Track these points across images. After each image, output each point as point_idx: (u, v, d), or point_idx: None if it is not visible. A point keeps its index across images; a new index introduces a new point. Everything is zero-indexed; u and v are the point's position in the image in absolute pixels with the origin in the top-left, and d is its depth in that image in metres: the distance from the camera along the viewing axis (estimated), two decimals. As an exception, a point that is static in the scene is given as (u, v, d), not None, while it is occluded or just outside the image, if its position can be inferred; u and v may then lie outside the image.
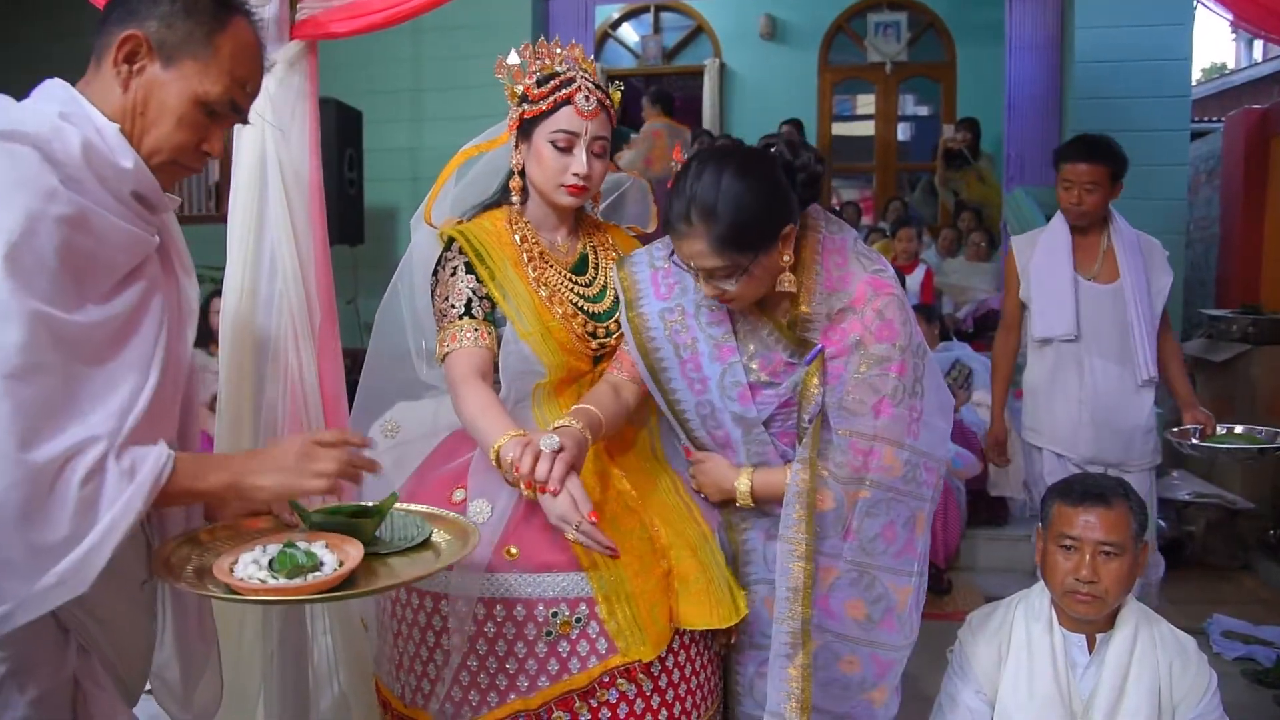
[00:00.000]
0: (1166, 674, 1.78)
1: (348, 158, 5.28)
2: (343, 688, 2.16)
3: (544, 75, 1.72)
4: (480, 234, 1.75)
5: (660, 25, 9.08)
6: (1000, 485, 4.24)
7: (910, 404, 1.60)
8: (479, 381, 1.64)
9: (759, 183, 1.54)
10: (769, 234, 1.56)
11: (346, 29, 1.98)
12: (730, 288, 1.57)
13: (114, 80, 1.25)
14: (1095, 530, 1.78)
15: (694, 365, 1.67)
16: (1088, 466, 2.95)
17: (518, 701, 1.59)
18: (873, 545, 1.61)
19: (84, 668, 1.25)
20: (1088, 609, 1.79)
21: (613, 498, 1.68)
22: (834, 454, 1.60)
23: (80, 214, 1.14)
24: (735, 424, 1.67)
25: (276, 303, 1.98)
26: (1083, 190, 2.87)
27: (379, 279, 2.03)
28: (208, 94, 1.26)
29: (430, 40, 5.77)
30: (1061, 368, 2.97)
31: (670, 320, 1.69)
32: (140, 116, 1.26)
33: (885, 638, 1.63)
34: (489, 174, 1.87)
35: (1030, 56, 5.84)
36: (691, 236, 1.54)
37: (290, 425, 1.98)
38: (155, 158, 1.27)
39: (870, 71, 8.63)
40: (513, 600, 1.59)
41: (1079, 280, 2.93)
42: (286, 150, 1.96)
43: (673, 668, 1.64)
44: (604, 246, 1.84)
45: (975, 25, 8.06)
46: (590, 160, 1.70)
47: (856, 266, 1.65)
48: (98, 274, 1.18)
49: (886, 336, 1.59)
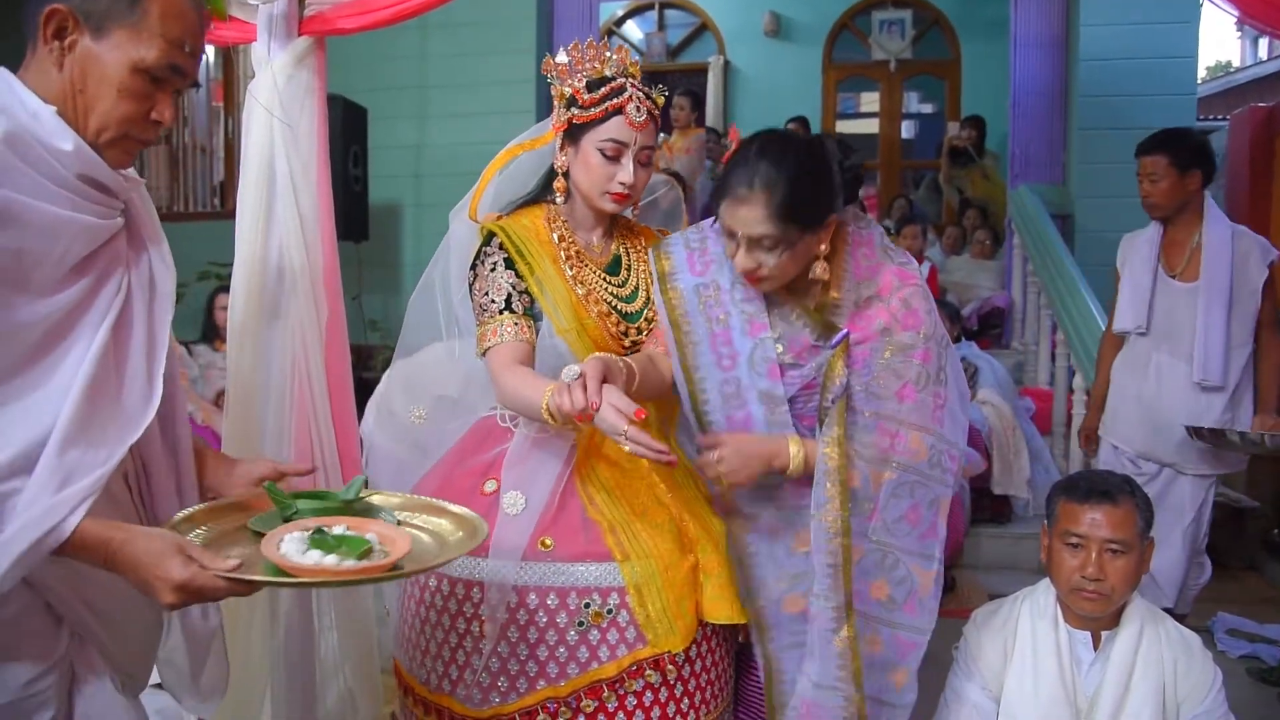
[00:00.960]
0: (1171, 671, 1.78)
1: (352, 154, 5.29)
2: (349, 682, 2.16)
3: (593, 80, 1.72)
4: (520, 230, 1.75)
5: (664, 22, 9.08)
6: (1004, 484, 4.24)
7: (934, 390, 1.65)
8: (519, 367, 1.65)
9: (819, 166, 1.62)
10: (819, 216, 1.61)
11: (354, 25, 1.98)
12: (770, 261, 1.60)
13: (49, 60, 1.20)
14: (1101, 528, 1.78)
15: (725, 340, 1.69)
16: (1141, 463, 2.98)
17: (547, 689, 1.61)
18: (897, 526, 1.64)
19: (80, 655, 1.24)
20: (1094, 606, 1.79)
21: (643, 490, 1.71)
22: (860, 434, 1.64)
23: (4, 205, 1.10)
24: (760, 401, 1.67)
25: (284, 298, 1.99)
26: (1147, 181, 2.92)
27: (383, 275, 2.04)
28: (144, 60, 1.20)
29: (436, 37, 5.77)
30: (1132, 362, 3.02)
31: (705, 295, 1.72)
32: (80, 94, 1.20)
33: (907, 619, 1.66)
34: (529, 170, 1.87)
35: (1035, 54, 5.83)
36: (750, 202, 1.58)
37: (297, 421, 1.99)
38: (104, 134, 1.22)
39: (875, 69, 8.63)
40: (545, 589, 1.61)
41: (1161, 276, 2.96)
42: (295, 146, 1.96)
43: (695, 659, 1.66)
44: (637, 249, 1.85)
45: (980, 22, 8.06)
46: (637, 169, 1.71)
47: (884, 258, 1.70)
48: (30, 268, 1.13)
49: (911, 324, 1.65)
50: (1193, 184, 2.89)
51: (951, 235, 6.56)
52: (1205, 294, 2.85)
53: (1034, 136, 5.84)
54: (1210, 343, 2.83)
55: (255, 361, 1.99)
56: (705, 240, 1.76)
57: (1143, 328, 2.97)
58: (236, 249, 2.01)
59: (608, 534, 1.63)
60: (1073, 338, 4.26)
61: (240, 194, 1.99)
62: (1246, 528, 4.31)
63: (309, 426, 2.01)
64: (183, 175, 6.59)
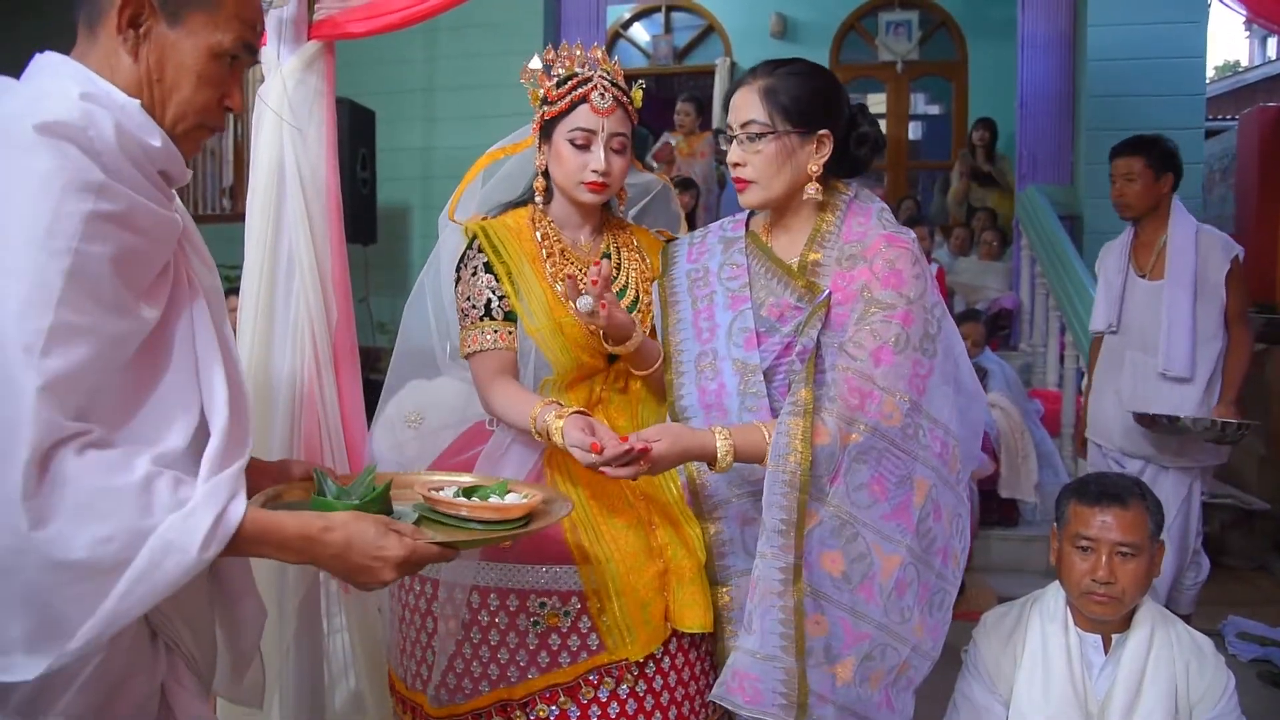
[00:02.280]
0: (1184, 675, 1.77)
1: (360, 157, 5.30)
2: (358, 684, 2.17)
3: (564, 77, 1.75)
4: (500, 230, 1.77)
5: (671, 25, 9.07)
6: (1011, 487, 4.23)
7: (915, 357, 1.57)
8: (505, 379, 1.69)
9: (821, 78, 1.68)
10: (808, 115, 1.63)
11: (363, 29, 1.99)
12: (755, 154, 1.63)
13: (119, 49, 1.14)
14: (1112, 531, 1.77)
15: (707, 315, 1.71)
16: (1125, 460, 3.05)
17: (503, 690, 1.61)
18: (858, 495, 1.53)
19: (169, 668, 1.22)
20: (1105, 610, 1.78)
21: (614, 491, 1.68)
22: (830, 390, 1.56)
23: (129, 209, 1.06)
24: (735, 372, 1.65)
25: (294, 301, 1.99)
26: (1122, 181, 3.05)
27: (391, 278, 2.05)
28: (221, 44, 1.16)
29: (443, 40, 5.79)
30: (1108, 361, 3.15)
31: (694, 278, 1.76)
32: (158, 84, 1.15)
33: (863, 606, 1.53)
34: (517, 174, 1.89)
35: (1043, 54, 5.82)
36: (745, 88, 1.65)
37: (306, 424, 1.99)
38: (180, 124, 1.18)
39: (881, 70, 8.61)
40: (505, 590, 1.62)
41: (1131, 276, 3.10)
42: (304, 150, 1.97)
43: (669, 670, 1.63)
44: (628, 247, 1.85)
45: (988, 23, 8.04)
46: (609, 157, 1.71)
47: (877, 224, 1.69)
48: (146, 273, 1.10)
49: (893, 284, 1.59)
50: (1165, 187, 3.04)
51: (959, 236, 6.55)
52: (1169, 289, 2.96)
53: (1042, 137, 5.83)
54: (1174, 336, 2.94)
55: (264, 364, 2.00)
56: (706, 234, 1.82)
57: (1114, 326, 3.12)
58: (246, 252, 2.01)
59: (568, 533, 1.61)
60: (1081, 339, 4.25)
61: (250, 197, 1.99)
62: (1257, 529, 4.30)
63: (318, 429, 2.02)
64: (193, 178, 6.62)
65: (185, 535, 1.03)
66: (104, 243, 1.02)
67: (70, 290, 0.99)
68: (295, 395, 2.00)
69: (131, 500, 1.01)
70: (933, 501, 1.57)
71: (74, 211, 1.00)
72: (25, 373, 0.96)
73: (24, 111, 1.03)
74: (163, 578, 1.01)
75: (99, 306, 1.02)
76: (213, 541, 1.05)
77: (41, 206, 0.99)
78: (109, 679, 1.11)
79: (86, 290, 1.01)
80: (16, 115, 1.03)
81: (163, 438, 1.11)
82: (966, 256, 6.43)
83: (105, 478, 1.00)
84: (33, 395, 0.96)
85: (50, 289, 0.98)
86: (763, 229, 1.76)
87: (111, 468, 1.01)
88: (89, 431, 1.01)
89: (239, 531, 1.08)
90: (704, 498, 1.67)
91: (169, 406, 1.13)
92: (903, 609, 1.55)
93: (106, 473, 1.01)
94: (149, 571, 1.01)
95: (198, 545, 1.03)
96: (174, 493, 1.05)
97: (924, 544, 1.57)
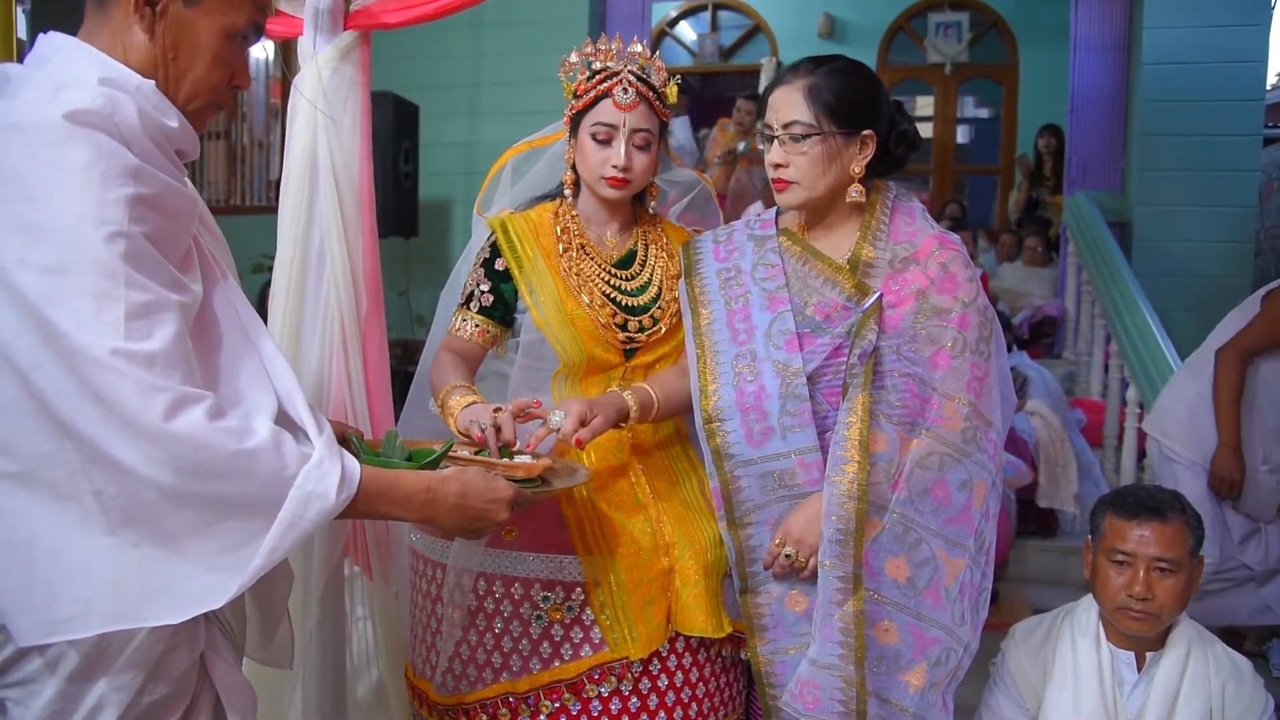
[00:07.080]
0: (1219, 695, 1.72)
1: (404, 151, 5.35)
2: (381, 675, 2.17)
3: (594, 71, 1.74)
4: (520, 224, 1.78)
5: (718, 24, 9.04)
6: (1050, 497, 4.14)
7: (971, 360, 1.57)
8: (454, 356, 1.73)
9: (865, 77, 1.65)
10: (853, 115, 1.61)
11: (398, 19, 1.98)
12: (800, 155, 1.61)
13: (134, 27, 1.14)
14: (1150, 545, 1.72)
15: (743, 316, 1.68)
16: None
17: (506, 683, 1.61)
18: (922, 501, 1.53)
19: (208, 638, 1.23)
20: (1141, 626, 1.73)
21: (624, 489, 1.69)
22: (889, 395, 1.57)
23: (162, 191, 1.07)
24: (775, 374, 1.62)
25: (324, 290, 2.00)
26: None
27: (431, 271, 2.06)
28: (236, 25, 1.18)
29: (488, 36, 5.83)
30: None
31: (725, 277, 1.73)
32: (173, 63, 1.16)
33: (929, 610, 1.54)
34: (551, 169, 1.89)
35: (1096, 58, 5.71)
36: (787, 86, 1.62)
37: (333, 412, 2.00)
38: (193, 103, 1.19)
39: (930, 72, 8.50)
40: (510, 578, 1.62)
41: None
42: (338, 141, 1.97)
43: (674, 670, 1.62)
44: (659, 244, 1.84)
45: (1040, 26, 7.90)
46: (630, 152, 1.70)
47: (924, 224, 1.68)
48: (174, 250, 1.11)
49: (948, 289, 1.60)
50: None
51: (1006, 242, 6.45)
52: None
53: (1092, 142, 5.72)
54: None
55: (293, 354, 2.01)
56: (732, 232, 1.79)
57: None
58: (279, 241, 2.03)
59: (574, 528, 1.61)
60: (1127, 349, 4.15)
61: (283, 187, 2.00)
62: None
63: (345, 418, 2.03)
64: (239, 170, 6.72)
65: (321, 483, 1.09)
66: (144, 224, 1.04)
67: (133, 272, 1.02)
68: (322, 385, 2.00)
69: (270, 455, 1.07)
70: (986, 503, 1.58)
71: (117, 198, 1.01)
72: (118, 362, 0.99)
73: (47, 101, 1.04)
74: (306, 526, 1.09)
75: (161, 284, 1.05)
76: (344, 487, 1.12)
77: (85, 199, 1.01)
78: (157, 649, 1.13)
79: (147, 270, 1.03)
80: (40, 106, 1.04)
81: (262, 403, 1.15)
82: (1012, 262, 6.32)
83: (238, 440, 1.05)
84: (134, 379, 0.99)
85: (115, 276, 1.00)
86: (799, 227, 1.74)
87: (236, 431, 1.06)
88: (207, 396, 1.05)
89: (361, 485, 1.14)
90: (736, 503, 1.64)
91: (246, 376, 1.16)
92: (963, 611, 1.57)
93: (239, 437, 1.05)
94: (295, 521, 1.08)
95: (334, 489, 1.10)
96: (299, 447, 1.11)
97: (978, 545, 1.58)
